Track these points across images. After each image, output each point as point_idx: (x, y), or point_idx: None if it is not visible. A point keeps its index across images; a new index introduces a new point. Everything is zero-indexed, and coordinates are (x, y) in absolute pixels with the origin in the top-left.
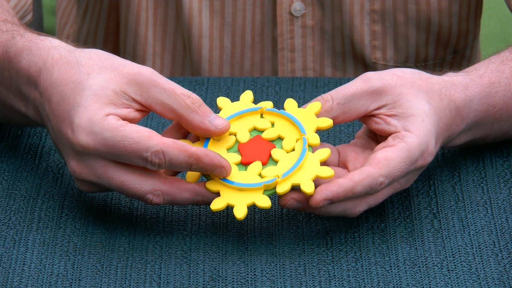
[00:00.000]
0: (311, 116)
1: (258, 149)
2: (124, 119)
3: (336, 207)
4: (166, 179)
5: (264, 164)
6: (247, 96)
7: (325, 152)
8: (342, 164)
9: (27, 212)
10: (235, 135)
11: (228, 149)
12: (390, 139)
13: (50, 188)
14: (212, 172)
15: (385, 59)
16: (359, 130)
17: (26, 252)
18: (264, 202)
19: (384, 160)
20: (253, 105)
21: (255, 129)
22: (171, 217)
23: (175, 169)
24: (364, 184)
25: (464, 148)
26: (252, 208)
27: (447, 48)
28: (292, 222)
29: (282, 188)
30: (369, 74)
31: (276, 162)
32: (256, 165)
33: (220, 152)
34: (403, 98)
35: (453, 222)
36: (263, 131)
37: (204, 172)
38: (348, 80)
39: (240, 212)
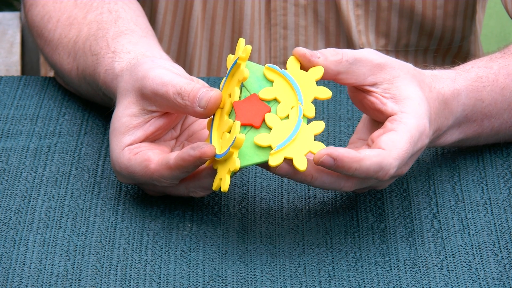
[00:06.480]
0: (311, 82)
1: (253, 110)
2: (146, 137)
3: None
4: (191, 175)
5: (257, 128)
6: (240, 46)
7: (320, 126)
8: None
9: (27, 212)
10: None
11: (230, 114)
12: (387, 124)
13: (50, 188)
14: (202, 163)
15: (368, 43)
16: (358, 124)
17: (26, 252)
18: (234, 164)
19: (391, 142)
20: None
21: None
22: (171, 217)
23: (184, 177)
24: (373, 161)
25: (464, 148)
26: (252, 209)
27: (431, 39)
28: (292, 222)
29: (275, 161)
30: (374, 50)
31: (269, 128)
32: (235, 129)
33: (222, 120)
34: (399, 81)
35: (453, 222)
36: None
37: (199, 166)
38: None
39: (223, 184)
